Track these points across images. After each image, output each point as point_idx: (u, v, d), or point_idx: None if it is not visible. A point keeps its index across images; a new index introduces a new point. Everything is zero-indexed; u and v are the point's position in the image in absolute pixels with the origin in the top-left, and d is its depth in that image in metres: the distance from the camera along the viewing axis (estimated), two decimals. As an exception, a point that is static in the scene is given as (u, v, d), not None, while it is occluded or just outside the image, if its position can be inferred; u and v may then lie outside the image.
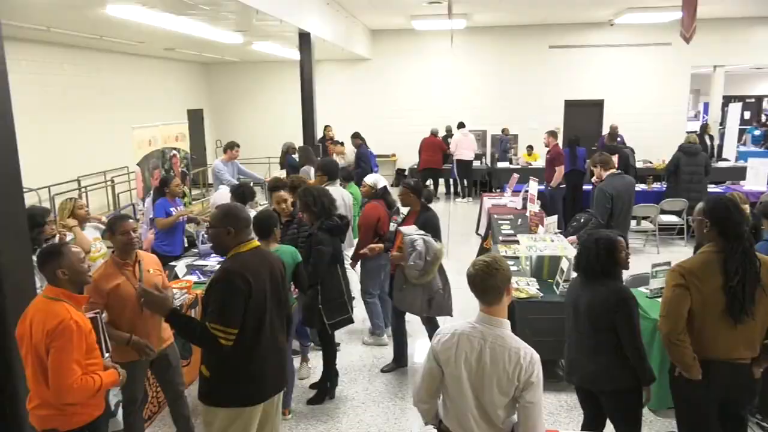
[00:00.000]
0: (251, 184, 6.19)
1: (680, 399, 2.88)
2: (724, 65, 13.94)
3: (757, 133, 15.38)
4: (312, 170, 7.19)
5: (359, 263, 5.26)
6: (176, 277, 4.85)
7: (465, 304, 3.18)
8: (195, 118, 14.13)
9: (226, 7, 7.01)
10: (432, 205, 5.02)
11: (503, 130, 13.40)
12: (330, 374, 4.43)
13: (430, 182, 13.23)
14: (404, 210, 5.21)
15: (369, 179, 5.64)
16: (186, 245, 5.99)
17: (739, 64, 14.67)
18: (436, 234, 4.55)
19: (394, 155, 14.50)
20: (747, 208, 4.27)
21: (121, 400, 3.19)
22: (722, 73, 14.12)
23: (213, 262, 5.32)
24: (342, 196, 5.70)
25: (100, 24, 7.93)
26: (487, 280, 2.29)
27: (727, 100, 17.08)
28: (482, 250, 7.35)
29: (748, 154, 12.27)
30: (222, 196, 6.32)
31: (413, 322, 4.93)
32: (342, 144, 10.82)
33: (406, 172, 13.58)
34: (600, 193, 5.61)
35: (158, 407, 4.14)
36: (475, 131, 12.98)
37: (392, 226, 5.03)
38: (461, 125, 12.55)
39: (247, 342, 2.68)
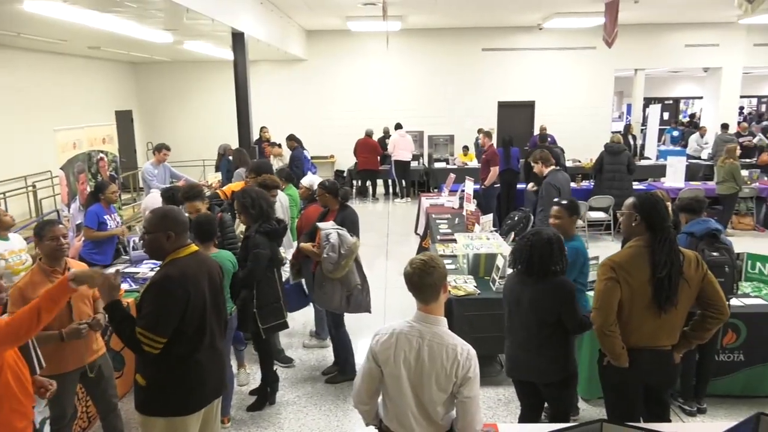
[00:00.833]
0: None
1: (609, 387, 3.02)
2: (644, 68, 14.72)
3: (675, 134, 16.32)
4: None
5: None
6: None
7: (404, 303, 3.20)
8: (123, 120, 13.58)
9: (154, 5, 6.78)
10: (372, 206, 5.05)
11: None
12: (269, 379, 4.36)
13: (368, 183, 13.34)
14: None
15: (305, 181, 5.61)
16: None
17: (657, 68, 15.53)
18: (354, 230, 4.58)
19: (332, 156, 14.47)
20: (669, 204, 4.50)
21: (48, 417, 3.03)
22: (643, 76, 14.90)
23: (145, 269, 5.13)
24: (279, 198, 5.64)
25: (17, 20, 7.49)
26: (424, 279, 2.32)
27: (648, 101, 18.06)
28: (421, 250, 7.44)
29: (667, 153, 13.00)
30: (154, 200, 6.09)
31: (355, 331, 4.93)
32: (279, 146, 10.70)
33: (345, 174, 13.57)
34: (548, 187, 5.80)
35: (88, 422, 3.95)
36: (412, 132, 13.13)
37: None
38: (398, 126, 12.66)
39: (185, 348, 2.60)
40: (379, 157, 12.56)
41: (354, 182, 13.49)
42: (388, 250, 8.69)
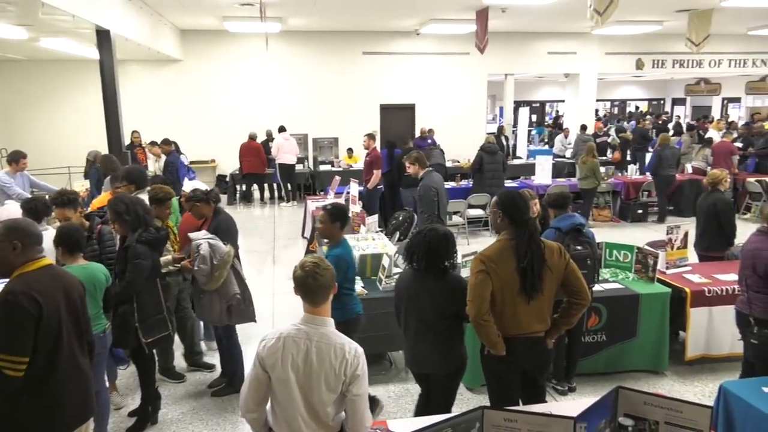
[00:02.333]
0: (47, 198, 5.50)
1: (489, 374, 3.20)
2: (513, 74, 15.70)
3: (533, 132, 17.62)
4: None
5: None
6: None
7: (294, 307, 3.17)
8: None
9: (3, -3, 6.16)
10: (258, 211, 4.93)
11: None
12: (150, 397, 4.11)
13: (254, 187, 13.03)
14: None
15: (188, 187, 5.38)
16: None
17: (525, 73, 16.63)
18: (228, 237, 4.42)
19: (213, 161, 13.96)
20: (537, 201, 4.84)
21: None
22: (512, 80, 15.89)
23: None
24: (155, 206, 5.34)
25: None
26: (316, 281, 2.34)
27: (518, 104, 19.30)
28: (308, 253, 7.39)
29: (536, 153, 13.99)
30: (10, 211, 5.51)
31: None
32: (158, 145, 10.06)
33: (228, 178, 13.15)
34: (426, 189, 5.95)
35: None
36: (297, 135, 13.02)
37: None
38: (282, 129, 12.50)
39: (39, 370, 2.39)
40: (263, 161, 12.33)
41: (238, 187, 13.13)
42: (275, 255, 8.55)
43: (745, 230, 5.21)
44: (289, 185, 12.64)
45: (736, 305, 3.87)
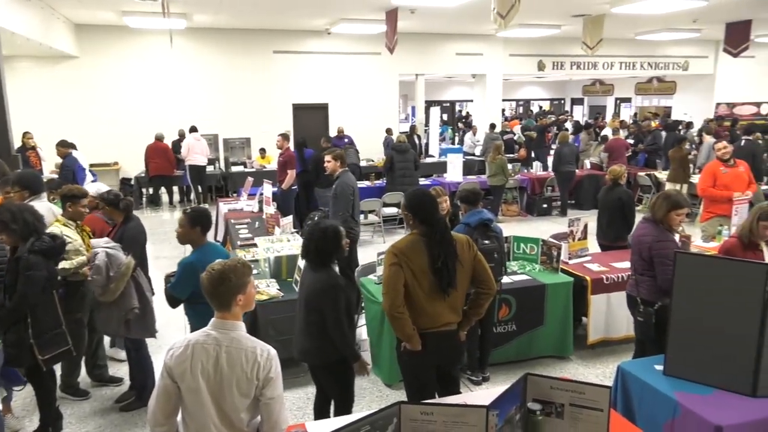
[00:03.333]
0: None
1: (405, 370, 3.25)
2: (424, 74, 16.03)
3: (440, 129, 18.19)
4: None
5: None
6: None
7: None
8: None
9: None
10: (167, 215, 4.72)
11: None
12: (50, 418, 3.83)
13: (162, 190, 12.49)
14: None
15: (92, 190, 5.07)
16: None
17: (435, 73, 17.03)
18: (132, 247, 4.23)
19: (116, 163, 13.20)
20: (446, 198, 4.96)
21: None
22: (423, 81, 16.22)
23: None
24: (52, 211, 5.00)
25: None
26: (223, 284, 2.27)
27: (429, 104, 19.74)
28: (221, 257, 7.19)
29: (447, 151, 14.36)
30: None
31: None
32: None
33: (133, 182, 12.51)
34: (344, 187, 5.93)
35: None
36: (206, 135, 12.59)
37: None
38: (193, 129, 12.07)
39: None
40: (172, 162, 11.83)
41: (144, 191, 12.52)
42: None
43: (637, 221, 5.62)
44: (199, 187, 12.21)
45: (626, 289, 4.18)
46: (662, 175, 11.19)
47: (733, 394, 2.93)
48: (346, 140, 12.75)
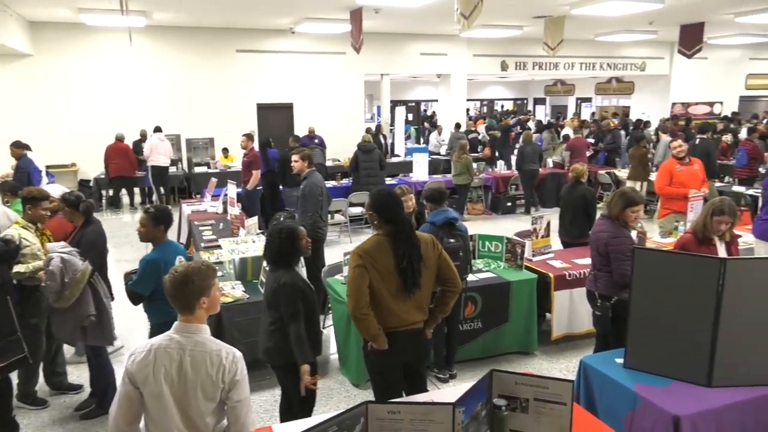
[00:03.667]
0: None
1: (373, 369, 3.26)
2: (389, 74, 16.05)
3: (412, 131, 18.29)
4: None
5: None
6: None
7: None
8: None
9: None
10: (128, 217, 4.62)
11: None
12: (5, 428, 3.71)
13: (123, 192, 12.19)
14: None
15: (55, 192, 4.93)
16: None
17: (400, 73, 17.08)
18: (91, 252, 4.14)
19: (74, 164, 12.82)
20: (411, 195, 4.99)
21: None
22: (388, 80, 16.24)
23: None
24: (6, 214, 4.86)
25: None
26: (186, 287, 2.24)
27: (395, 103, 19.78)
28: (187, 259, 7.06)
29: (413, 150, 14.43)
30: None
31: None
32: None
33: (92, 183, 12.18)
34: (313, 187, 5.86)
35: None
36: (169, 135, 12.34)
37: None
38: (158, 129, 11.84)
39: None
40: (133, 163, 11.56)
41: (104, 192, 12.20)
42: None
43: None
44: (161, 189, 11.97)
45: (586, 284, 4.29)
46: (622, 173, 11.48)
47: (690, 385, 3.03)
48: (316, 140, 12.70)
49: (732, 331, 2.96)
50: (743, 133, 13.49)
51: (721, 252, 3.99)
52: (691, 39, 13.29)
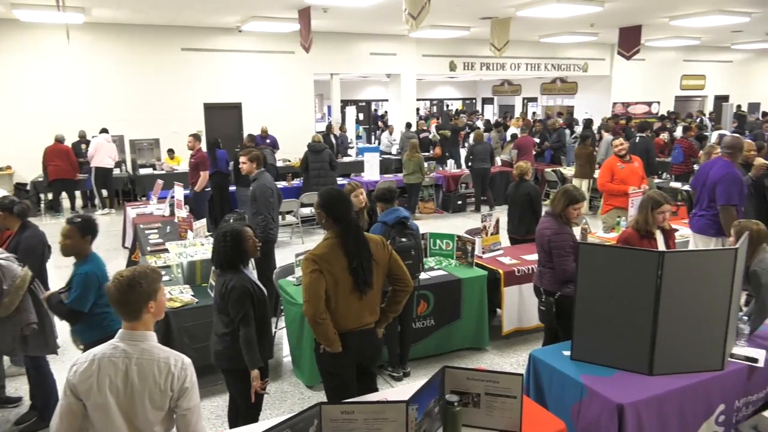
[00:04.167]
0: None
1: (325, 371, 3.24)
2: (339, 73, 16.02)
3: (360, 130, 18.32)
4: None
5: None
6: None
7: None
8: None
9: None
10: (61, 224, 4.43)
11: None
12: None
13: (63, 195, 11.70)
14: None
15: None
16: None
17: (350, 73, 17.06)
18: (30, 258, 3.98)
19: (9, 168, 12.23)
20: (362, 190, 4.98)
21: None
22: (338, 80, 16.20)
23: None
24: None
25: None
26: (132, 292, 2.17)
27: (345, 103, 19.76)
28: (131, 264, 6.85)
29: (365, 150, 14.44)
30: None
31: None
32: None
33: (29, 187, 11.64)
34: (264, 189, 5.76)
35: None
36: (113, 136, 11.92)
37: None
38: (104, 130, 11.47)
39: None
40: (74, 165, 11.11)
41: (42, 196, 11.68)
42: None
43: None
44: (104, 191, 11.56)
45: (533, 280, 4.41)
46: (567, 170, 11.82)
47: (632, 374, 3.16)
48: (268, 140, 12.55)
49: (670, 320, 3.10)
50: (679, 131, 14.13)
51: (661, 246, 4.17)
52: (629, 41, 13.83)
